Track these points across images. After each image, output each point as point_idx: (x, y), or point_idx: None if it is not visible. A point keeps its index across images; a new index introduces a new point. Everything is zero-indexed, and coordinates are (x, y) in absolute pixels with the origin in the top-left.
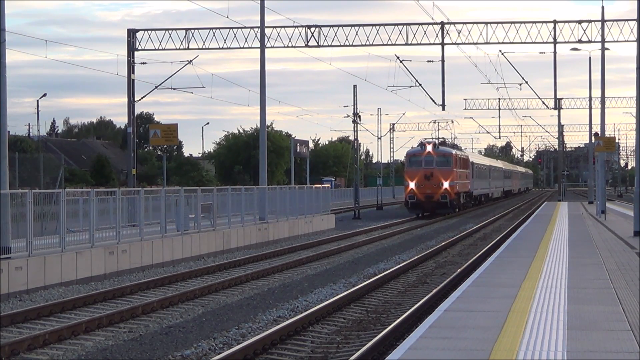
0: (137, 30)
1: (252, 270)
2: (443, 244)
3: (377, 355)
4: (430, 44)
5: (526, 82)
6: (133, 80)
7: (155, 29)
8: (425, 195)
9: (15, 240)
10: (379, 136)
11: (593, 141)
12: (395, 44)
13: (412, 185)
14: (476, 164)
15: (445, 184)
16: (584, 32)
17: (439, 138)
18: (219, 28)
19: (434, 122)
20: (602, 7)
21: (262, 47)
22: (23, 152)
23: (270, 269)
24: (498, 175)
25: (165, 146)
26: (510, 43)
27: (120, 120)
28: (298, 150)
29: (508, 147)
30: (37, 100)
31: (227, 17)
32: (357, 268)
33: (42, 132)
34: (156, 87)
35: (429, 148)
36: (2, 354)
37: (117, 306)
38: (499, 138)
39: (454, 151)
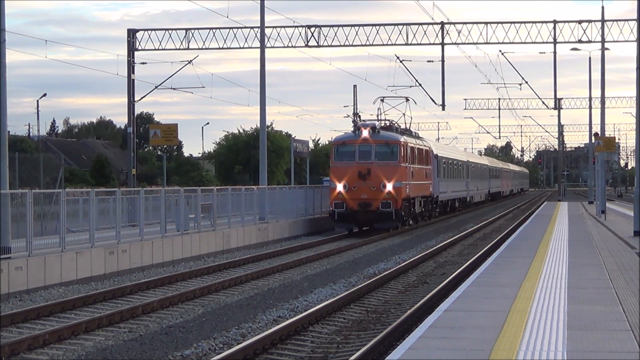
0: (137, 30)
1: (252, 270)
2: (443, 244)
3: (377, 356)
4: (430, 44)
5: (526, 82)
6: (133, 80)
7: (155, 29)
8: (359, 203)
9: (15, 240)
10: None
11: (593, 141)
12: (395, 44)
13: (339, 187)
14: (443, 158)
15: (389, 186)
16: (584, 32)
17: (383, 120)
18: (219, 28)
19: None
20: (602, 7)
21: (262, 47)
22: (23, 152)
23: (270, 269)
24: (481, 174)
25: (165, 146)
26: (510, 43)
27: (120, 120)
28: (298, 150)
29: (508, 147)
30: (37, 101)
31: (227, 16)
32: (357, 268)
33: (42, 132)
34: (156, 87)
35: (365, 133)
36: (2, 354)
37: (117, 306)
38: (499, 138)
39: (402, 138)
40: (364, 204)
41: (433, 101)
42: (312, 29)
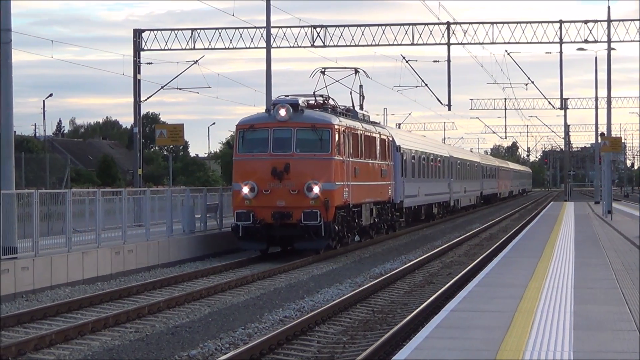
0: (143, 31)
1: (259, 270)
2: (449, 244)
3: (383, 356)
4: (436, 44)
5: (532, 82)
6: (139, 80)
7: (161, 29)
8: (273, 213)
9: (21, 240)
10: None
11: (599, 141)
12: (401, 44)
13: (245, 190)
14: (411, 151)
15: (316, 189)
16: (590, 32)
17: (312, 95)
18: (225, 28)
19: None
20: (608, 7)
21: (268, 47)
22: (29, 152)
23: (277, 269)
24: (470, 173)
25: (171, 146)
26: (516, 43)
27: (126, 120)
28: None
29: (514, 147)
30: (43, 101)
31: (233, 15)
32: (363, 268)
33: (48, 132)
34: (162, 87)
35: (283, 112)
36: (9, 353)
37: (123, 306)
38: (505, 138)
39: (337, 120)
40: (280, 215)
41: (439, 101)
42: (318, 29)
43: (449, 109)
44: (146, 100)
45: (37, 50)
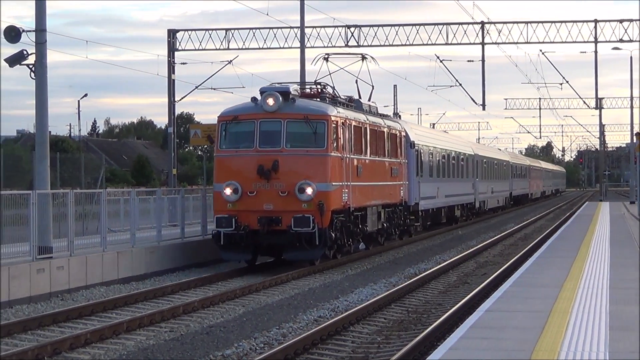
0: (177, 31)
1: (293, 270)
2: (484, 244)
3: (418, 356)
4: (470, 43)
5: (567, 82)
6: (173, 80)
7: (195, 29)
8: (260, 218)
9: (56, 240)
10: None
11: (634, 141)
12: (435, 44)
13: (227, 192)
14: (428, 148)
15: (309, 190)
16: (625, 32)
17: (310, 82)
18: (259, 28)
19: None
20: None
21: (302, 47)
22: (64, 152)
23: (311, 269)
24: (498, 172)
25: (205, 146)
26: (550, 42)
27: (161, 120)
28: None
29: (549, 147)
30: (78, 101)
31: (267, 14)
32: (397, 268)
33: (83, 132)
34: (196, 87)
35: (271, 102)
36: (45, 352)
37: (158, 306)
38: (540, 138)
39: (335, 111)
40: (267, 220)
41: (473, 101)
42: (352, 29)
43: (484, 109)
44: (180, 100)
45: (71, 51)
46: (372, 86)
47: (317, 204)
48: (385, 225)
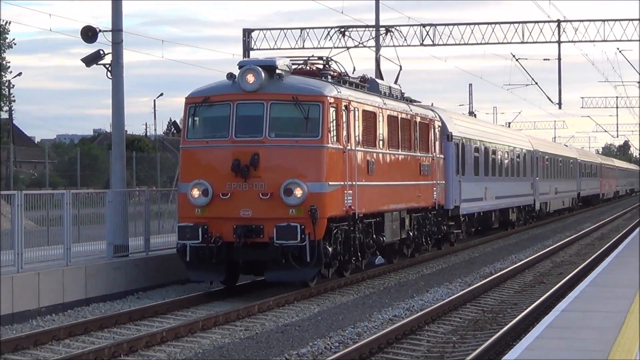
0: (252, 30)
1: (369, 270)
2: (560, 243)
3: (493, 355)
4: (546, 42)
5: None
6: None
7: (270, 29)
8: (236, 227)
9: (132, 239)
10: None
11: None
12: (511, 43)
13: (195, 193)
14: (472, 141)
15: (298, 191)
16: None
17: (307, 57)
18: (334, 27)
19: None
20: None
21: (377, 46)
22: (140, 151)
23: (386, 268)
24: (562, 171)
25: None
26: (628, 41)
27: None
28: None
29: (626, 146)
30: (154, 100)
31: (342, 12)
32: (473, 267)
33: (158, 131)
34: None
35: (251, 79)
36: (121, 350)
37: (233, 305)
38: (617, 137)
39: (335, 91)
40: (245, 230)
41: (549, 100)
42: (427, 28)
43: (560, 108)
44: None
45: (147, 51)
46: (400, 66)
47: (308, 209)
48: (411, 233)
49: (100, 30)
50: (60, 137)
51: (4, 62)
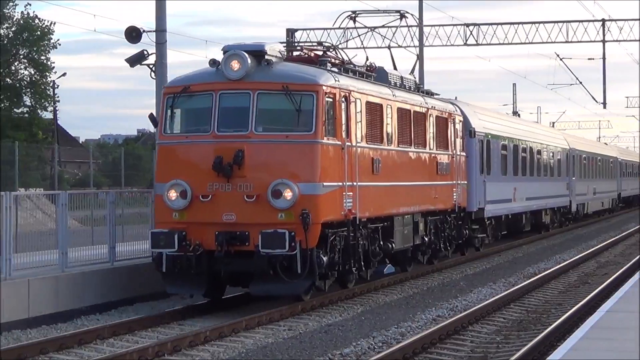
0: (296, 30)
1: (411, 270)
2: (604, 243)
3: (537, 356)
4: (590, 41)
5: None
6: None
7: (313, 29)
8: (218, 234)
9: None
10: None
11: None
12: (555, 42)
13: (172, 195)
14: (500, 137)
15: (288, 193)
16: None
17: (306, 43)
18: (378, 27)
19: None
20: None
21: (421, 46)
22: None
23: (429, 269)
24: (601, 170)
25: None
26: None
27: None
28: None
29: None
30: None
31: (384, 11)
32: (516, 268)
33: None
34: None
35: (237, 66)
36: (164, 350)
37: (277, 305)
38: None
39: (332, 80)
40: (228, 237)
41: (594, 99)
42: (471, 28)
43: (604, 107)
44: None
45: (191, 51)
46: (417, 55)
47: (299, 213)
48: (427, 239)
49: (144, 31)
50: (105, 137)
51: (49, 63)
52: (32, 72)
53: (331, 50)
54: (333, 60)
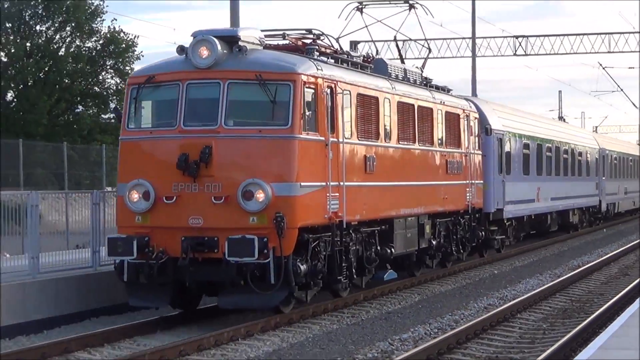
0: (358, 42)
1: (466, 262)
2: None
3: (581, 342)
4: (631, 51)
5: None
6: None
7: (368, 41)
8: (184, 238)
9: None
10: None
11: None
12: (598, 52)
13: (133, 197)
14: (521, 136)
15: (260, 195)
16: None
17: (294, 30)
18: (434, 39)
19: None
20: None
21: (474, 56)
22: None
23: (482, 261)
24: (633, 170)
25: None
26: None
27: None
28: None
29: None
30: None
31: (441, 25)
32: (562, 260)
33: None
34: None
35: (206, 53)
36: (208, 344)
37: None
38: None
39: (313, 69)
40: (194, 243)
41: (634, 105)
42: (520, 39)
43: None
44: None
45: None
46: (429, 49)
47: (273, 217)
48: (434, 242)
49: None
50: None
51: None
52: (118, 81)
53: (322, 38)
54: (323, 50)
